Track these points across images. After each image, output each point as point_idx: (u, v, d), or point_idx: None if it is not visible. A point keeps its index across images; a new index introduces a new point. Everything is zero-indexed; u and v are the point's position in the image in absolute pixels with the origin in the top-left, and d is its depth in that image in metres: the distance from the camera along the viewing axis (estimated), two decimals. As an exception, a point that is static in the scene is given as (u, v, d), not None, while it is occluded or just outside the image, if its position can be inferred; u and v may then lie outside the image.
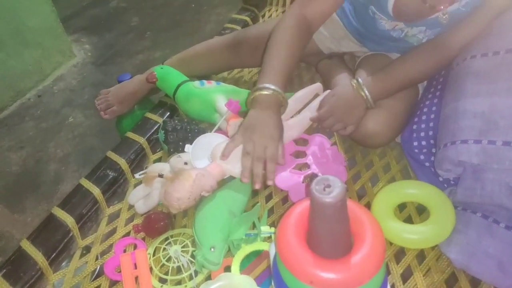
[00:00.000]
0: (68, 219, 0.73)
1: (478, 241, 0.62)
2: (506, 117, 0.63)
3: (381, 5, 0.76)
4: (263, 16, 1.34)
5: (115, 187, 0.81)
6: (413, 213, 0.73)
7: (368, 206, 0.75)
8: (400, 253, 0.67)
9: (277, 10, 1.34)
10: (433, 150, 0.75)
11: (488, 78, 0.68)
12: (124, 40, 2.08)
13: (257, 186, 0.66)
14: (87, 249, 0.73)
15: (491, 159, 0.62)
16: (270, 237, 0.69)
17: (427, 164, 0.77)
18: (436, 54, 0.78)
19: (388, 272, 0.64)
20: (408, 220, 0.72)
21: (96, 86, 1.79)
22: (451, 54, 0.77)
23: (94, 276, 0.69)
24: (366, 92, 0.78)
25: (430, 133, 0.76)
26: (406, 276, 0.64)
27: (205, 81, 0.91)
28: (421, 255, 0.67)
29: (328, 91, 0.84)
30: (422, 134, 0.78)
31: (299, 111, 0.87)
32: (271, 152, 0.68)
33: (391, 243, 0.68)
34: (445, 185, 0.72)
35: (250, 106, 0.75)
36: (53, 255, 0.70)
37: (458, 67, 0.75)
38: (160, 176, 0.77)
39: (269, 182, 0.67)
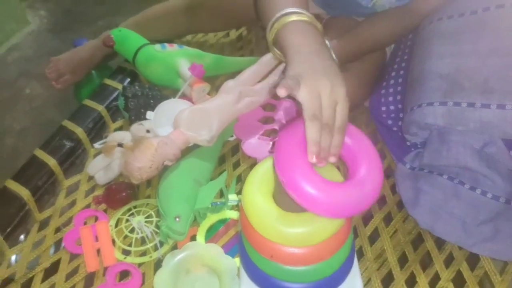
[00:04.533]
0: (23, 192, 0.69)
1: (444, 203, 0.63)
2: (471, 78, 0.63)
3: None
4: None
5: (73, 158, 0.76)
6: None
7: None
8: (368, 217, 0.68)
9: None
10: (401, 115, 0.75)
11: (453, 40, 0.68)
12: (82, 5, 1.96)
13: (322, 164, 0.44)
14: (46, 224, 0.70)
15: (456, 121, 0.62)
16: (237, 206, 0.67)
17: (394, 129, 0.77)
18: (405, 18, 0.77)
19: (355, 235, 0.65)
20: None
21: (53, 55, 1.65)
22: (420, 18, 0.76)
23: (54, 250, 0.66)
24: (333, 55, 0.76)
25: (398, 97, 0.76)
26: (373, 238, 0.65)
27: (166, 44, 0.86)
28: (388, 218, 0.68)
29: None
30: (390, 98, 0.77)
31: (266, 76, 0.85)
32: (343, 116, 0.47)
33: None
34: (412, 149, 0.72)
35: (283, 40, 0.54)
36: (8, 230, 0.66)
37: (425, 30, 0.74)
38: (120, 145, 0.73)
39: (332, 159, 0.45)
